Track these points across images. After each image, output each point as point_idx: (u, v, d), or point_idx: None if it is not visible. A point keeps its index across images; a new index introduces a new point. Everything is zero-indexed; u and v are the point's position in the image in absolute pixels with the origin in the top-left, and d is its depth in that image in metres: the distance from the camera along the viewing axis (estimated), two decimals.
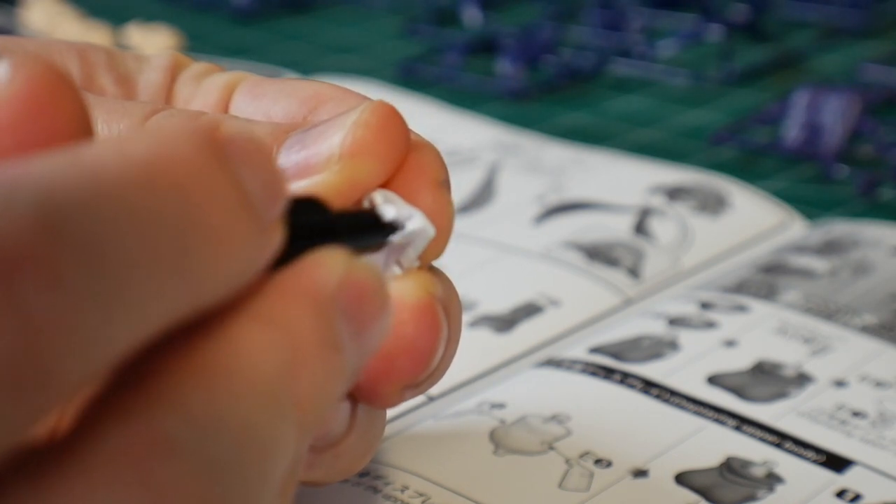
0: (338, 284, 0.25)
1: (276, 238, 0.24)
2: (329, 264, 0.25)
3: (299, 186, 0.31)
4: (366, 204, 0.32)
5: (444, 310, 0.32)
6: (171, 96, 0.36)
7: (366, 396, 0.32)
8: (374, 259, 0.31)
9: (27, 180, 0.21)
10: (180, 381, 0.22)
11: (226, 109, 0.36)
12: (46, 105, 0.23)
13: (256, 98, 0.35)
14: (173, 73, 0.37)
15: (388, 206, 0.31)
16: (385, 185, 0.32)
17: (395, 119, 0.32)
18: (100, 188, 0.21)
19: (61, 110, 0.23)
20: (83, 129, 0.24)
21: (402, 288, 0.32)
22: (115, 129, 0.33)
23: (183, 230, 0.22)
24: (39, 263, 0.20)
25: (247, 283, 0.24)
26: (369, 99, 0.33)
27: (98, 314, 0.21)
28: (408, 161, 0.32)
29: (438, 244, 0.32)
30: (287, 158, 0.32)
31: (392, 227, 0.31)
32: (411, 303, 0.32)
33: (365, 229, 0.30)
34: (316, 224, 0.27)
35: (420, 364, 0.32)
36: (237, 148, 0.23)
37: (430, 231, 0.31)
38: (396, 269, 0.32)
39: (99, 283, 0.21)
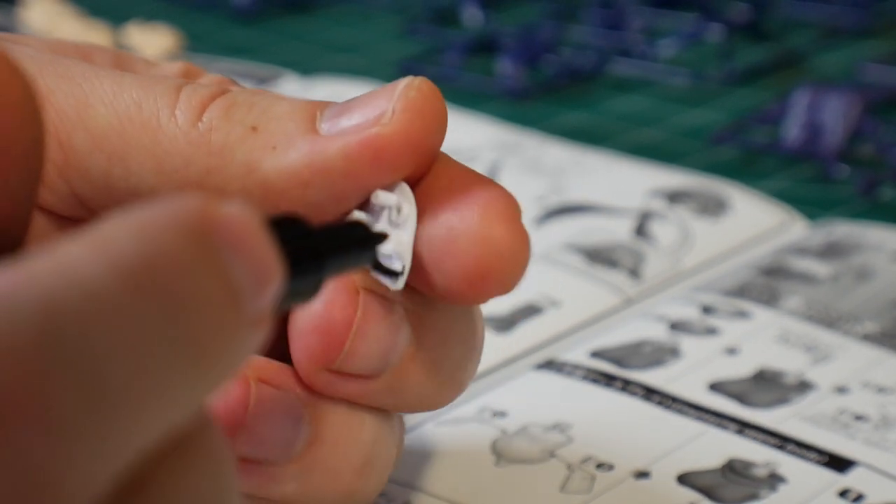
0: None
1: (264, 331, 0.23)
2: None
3: (356, 140, 0.31)
4: (396, 192, 0.32)
5: (377, 298, 0.32)
6: None
7: (304, 382, 0.33)
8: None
9: (19, 301, 0.19)
10: None
11: None
12: None
13: None
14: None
15: (395, 233, 0.31)
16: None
17: (437, 92, 0.32)
18: (95, 309, 0.20)
19: (8, 99, 0.23)
20: (31, 118, 0.23)
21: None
22: (151, 103, 0.32)
23: (177, 344, 0.21)
24: (41, 403, 0.19)
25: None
26: None
27: (99, 447, 0.20)
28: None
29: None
30: (332, 127, 0.32)
31: (382, 237, 0.31)
32: (331, 286, 0.32)
33: (350, 244, 0.30)
34: (298, 243, 0.26)
35: (330, 341, 0.32)
36: (226, 234, 0.22)
37: (397, 284, 0.31)
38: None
39: (98, 415, 0.20)
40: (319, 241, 0.27)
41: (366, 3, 0.90)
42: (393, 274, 0.31)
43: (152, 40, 0.80)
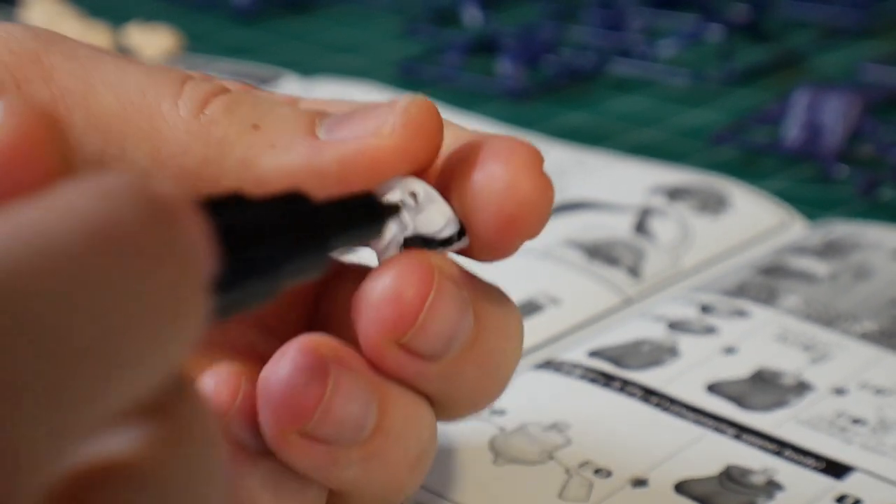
0: None
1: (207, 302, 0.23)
2: None
3: (353, 148, 0.32)
4: (398, 188, 0.32)
5: (450, 280, 0.33)
6: None
7: (368, 356, 0.33)
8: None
9: None
10: None
11: None
12: (33, 156, 0.22)
13: None
14: None
15: (430, 209, 0.32)
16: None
17: (436, 111, 0.33)
18: (57, 266, 0.20)
19: (48, 159, 0.22)
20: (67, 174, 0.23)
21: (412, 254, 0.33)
22: (154, 91, 0.33)
23: (139, 303, 0.21)
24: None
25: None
26: None
27: (64, 411, 0.19)
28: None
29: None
30: (330, 135, 0.33)
31: (394, 208, 0.32)
32: (406, 260, 0.32)
33: (358, 218, 0.30)
34: (298, 219, 0.27)
35: (403, 313, 0.32)
36: (173, 207, 0.22)
37: (464, 242, 0.33)
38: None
39: (62, 375, 0.19)
40: (323, 217, 0.28)
41: (366, 3, 0.90)
42: (452, 241, 0.33)
43: (152, 40, 0.80)
